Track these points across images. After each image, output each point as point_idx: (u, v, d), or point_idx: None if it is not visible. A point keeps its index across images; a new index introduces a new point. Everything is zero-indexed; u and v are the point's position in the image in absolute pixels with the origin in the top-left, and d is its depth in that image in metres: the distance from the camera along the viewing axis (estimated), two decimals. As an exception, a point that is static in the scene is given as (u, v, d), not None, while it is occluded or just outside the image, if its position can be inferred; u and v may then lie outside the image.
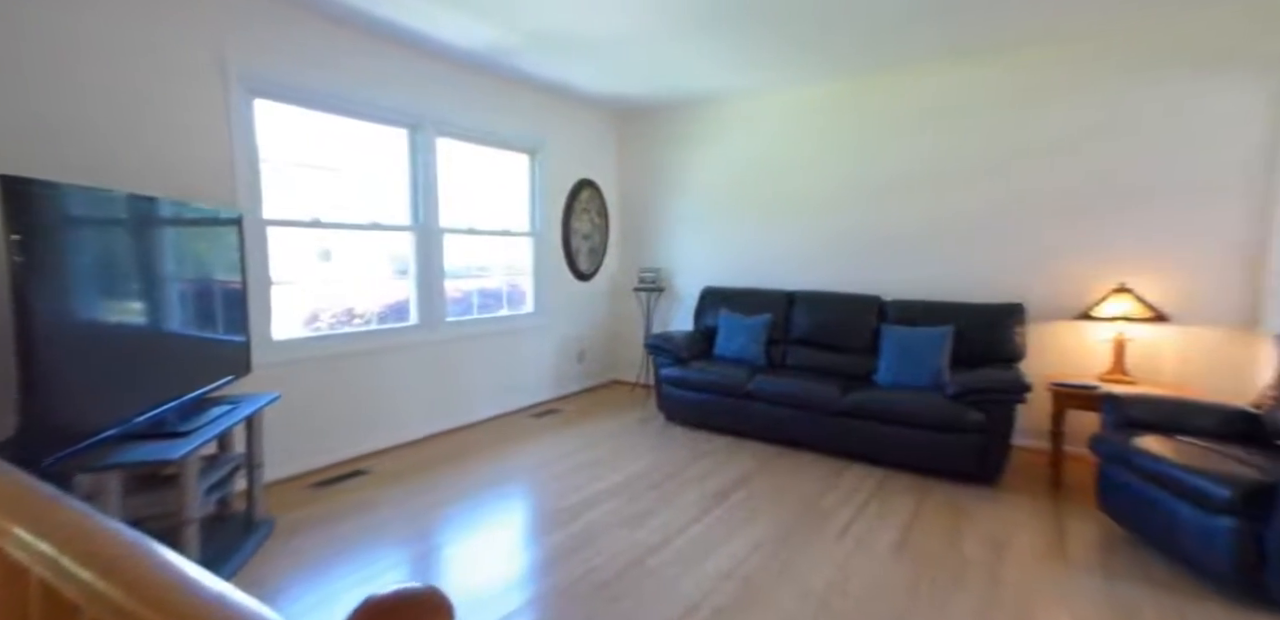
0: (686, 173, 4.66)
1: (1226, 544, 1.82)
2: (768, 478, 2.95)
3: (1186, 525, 1.94)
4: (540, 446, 3.43)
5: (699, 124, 4.54)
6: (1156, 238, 3.01)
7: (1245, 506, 1.77)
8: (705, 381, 3.63)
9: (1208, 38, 2.83)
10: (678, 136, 4.67)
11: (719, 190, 4.50)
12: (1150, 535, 2.12)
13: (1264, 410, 2.23)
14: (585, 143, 4.65)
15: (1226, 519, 1.82)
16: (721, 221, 4.51)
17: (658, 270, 4.79)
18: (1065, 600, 1.90)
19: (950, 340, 3.23)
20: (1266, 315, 2.71)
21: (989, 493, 2.76)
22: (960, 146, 3.51)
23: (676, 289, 4.80)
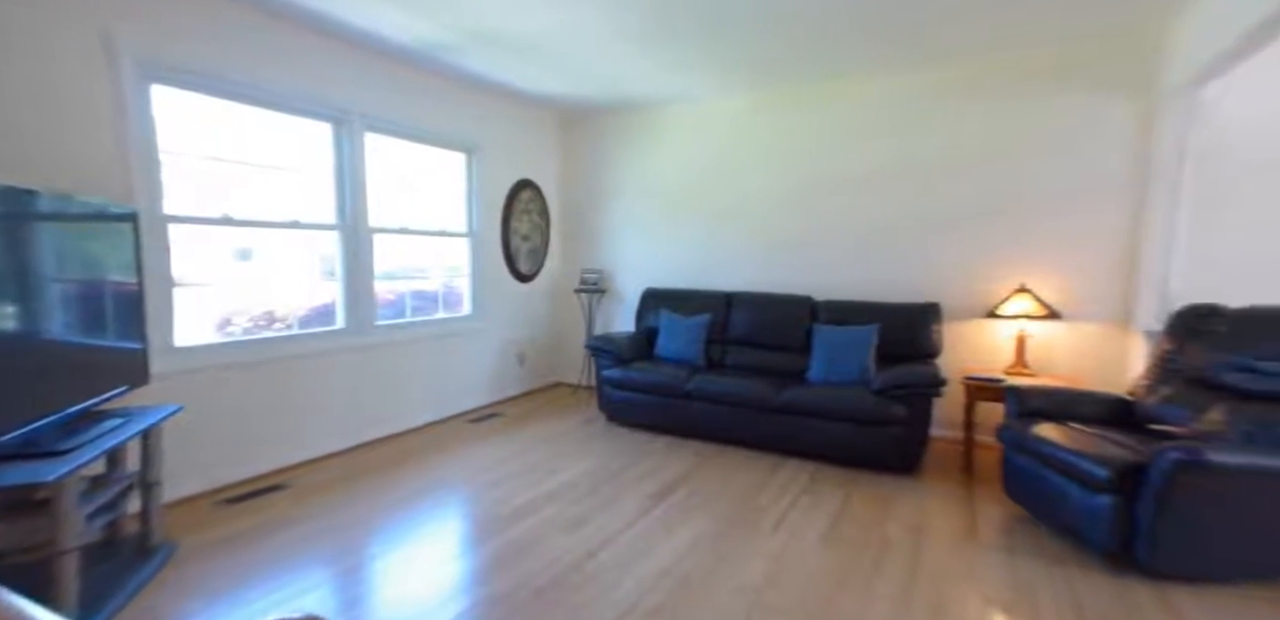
0: (629, 175, 4.67)
1: (1106, 519, 2.00)
2: (707, 476, 2.99)
3: (1074, 504, 2.12)
4: (478, 452, 3.34)
5: (641, 127, 4.57)
6: (1049, 242, 3.28)
7: (1120, 485, 1.96)
8: (646, 382, 3.65)
9: (1092, 64, 3.11)
10: (620, 139, 4.67)
11: (661, 193, 4.54)
12: (1046, 514, 2.30)
13: (1137, 398, 2.48)
14: (526, 143, 4.58)
15: (1106, 497, 2.00)
16: (663, 224, 4.56)
17: (600, 272, 4.78)
18: (974, 578, 2.03)
19: (876, 338, 3.39)
20: (1138, 314, 3.00)
21: (910, 482, 2.91)
22: (881, 156, 3.70)
23: (618, 290, 4.80)
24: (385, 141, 3.55)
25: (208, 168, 2.76)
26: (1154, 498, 1.90)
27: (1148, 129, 3.02)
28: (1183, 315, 2.47)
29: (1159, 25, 2.91)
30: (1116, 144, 3.10)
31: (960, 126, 3.47)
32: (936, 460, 3.24)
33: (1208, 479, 1.85)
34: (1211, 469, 1.82)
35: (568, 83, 3.91)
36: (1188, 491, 1.86)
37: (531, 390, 4.78)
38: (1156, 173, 2.94)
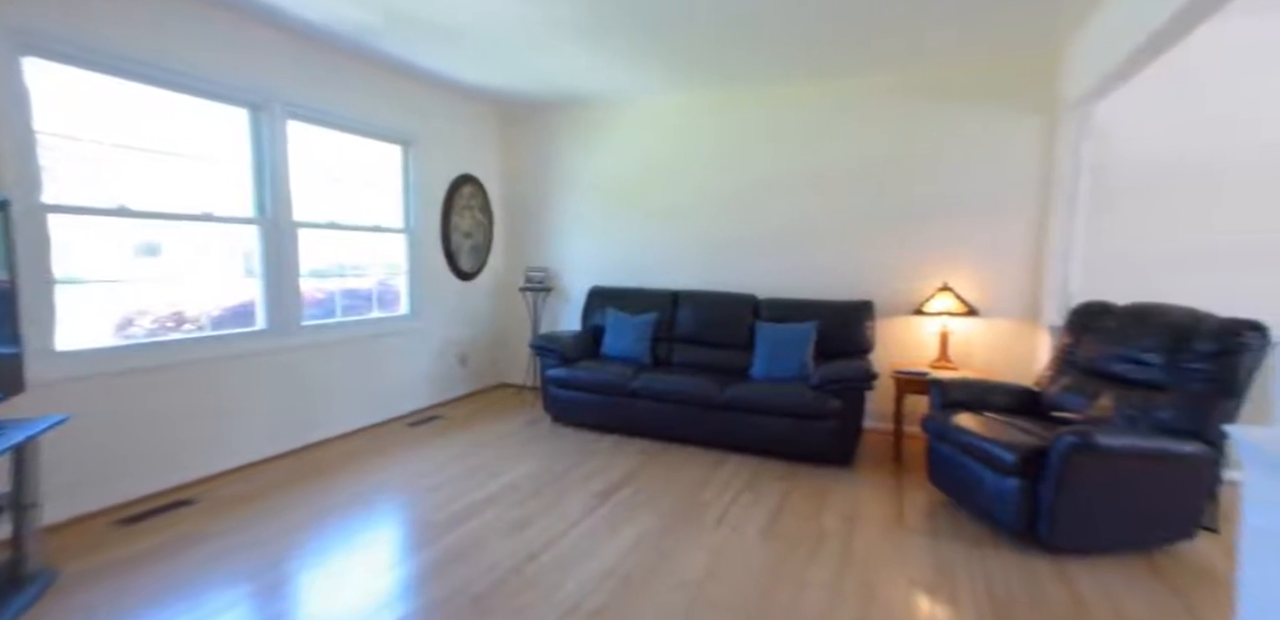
0: (574, 172, 4.64)
1: (1014, 501, 2.17)
2: (652, 474, 3.02)
3: (988, 487, 2.29)
4: (416, 456, 3.24)
5: (586, 124, 4.54)
6: (969, 244, 3.51)
7: (1026, 468, 2.13)
8: (592, 381, 3.65)
9: (1005, 79, 3.36)
10: (566, 135, 4.63)
11: (607, 191, 4.54)
12: (965, 499, 2.47)
13: (1042, 387, 2.70)
14: (466, 136, 4.46)
15: (1014, 480, 2.17)
16: (610, 222, 4.55)
17: (545, 270, 4.73)
18: (900, 562, 2.15)
19: (814, 335, 3.52)
20: (1044, 311, 3.27)
21: (846, 474, 3.05)
22: (819, 159, 3.84)
23: (565, 289, 4.76)
24: (312, 131, 3.37)
25: (102, 154, 2.52)
26: (1054, 479, 2.07)
27: (1051, 142, 3.28)
28: (1079, 312, 2.70)
29: (1057, 47, 3.16)
30: (1025, 155, 3.35)
31: (890, 134, 3.65)
32: (870, 451, 3.41)
33: (1096, 460, 2.04)
34: (1099, 451, 2.01)
35: (505, 74, 3.84)
36: (1080, 472, 2.05)
37: (474, 391, 4.68)
38: (1057, 182, 3.20)
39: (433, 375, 4.24)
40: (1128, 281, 3.03)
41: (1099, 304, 2.64)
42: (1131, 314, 2.46)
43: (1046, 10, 2.71)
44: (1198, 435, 2.06)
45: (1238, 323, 2.08)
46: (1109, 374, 2.44)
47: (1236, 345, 2.05)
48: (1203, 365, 2.11)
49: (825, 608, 1.86)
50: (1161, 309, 2.36)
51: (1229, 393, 2.05)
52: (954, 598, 1.93)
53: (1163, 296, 2.50)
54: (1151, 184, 3.04)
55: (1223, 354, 2.07)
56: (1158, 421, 2.15)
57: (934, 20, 2.83)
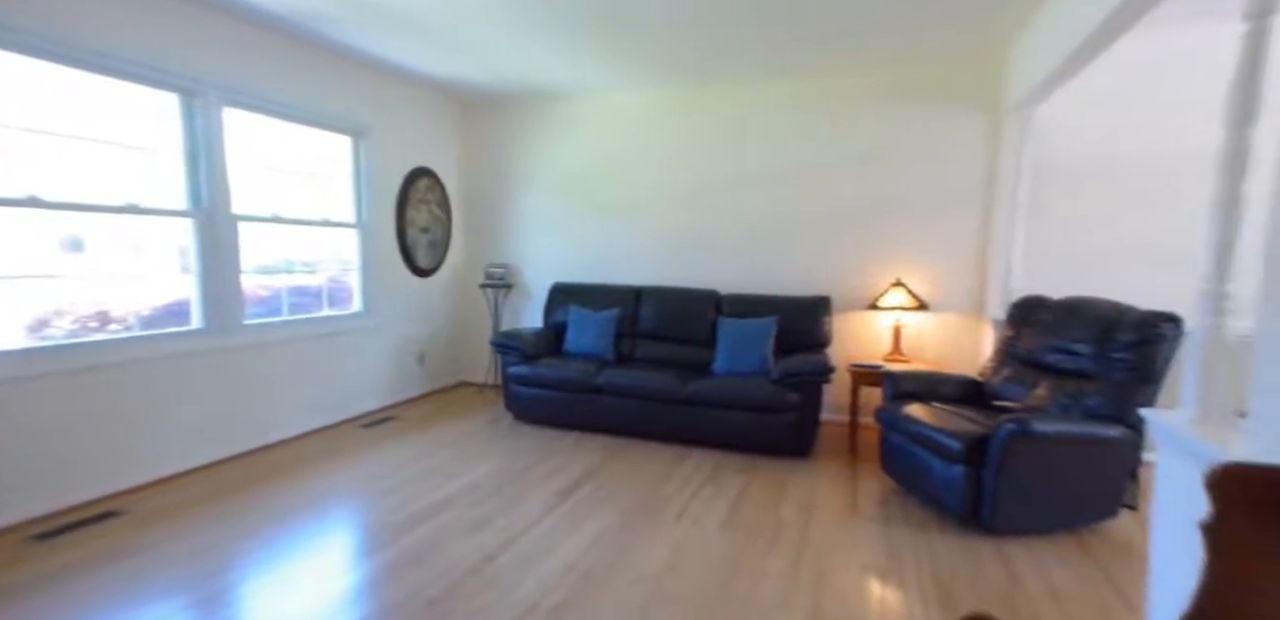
0: (535, 166, 4.58)
1: (960, 486, 2.27)
2: (614, 469, 3.03)
3: (936, 475, 2.39)
4: (371, 459, 3.15)
5: (548, 117, 4.49)
6: (920, 240, 3.65)
7: (970, 456, 2.23)
8: (554, 378, 3.62)
9: (951, 85, 3.49)
10: (526, 129, 4.57)
11: (569, 186, 4.50)
12: (914, 486, 2.58)
13: (986, 378, 2.83)
14: (422, 128, 4.34)
15: (959, 467, 2.28)
16: (572, 218, 4.52)
17: (506, 266, 4.66)
18: (853, 549, 2.23)
19: (774, 330, 3.60)
20: (988, 305, 3.43)
21: (804, 465, 3.13)
22: (779, 157, 3.92)
23: (526, 285, 4.71)
24: (254, 119, 3.21)
25: (10, 139, 2.34)
26: (995, 465, 2.18)
27: (995, 143, 3.43)
28: (1018, 306, 2.84)
29: (1000, 54, 3.31)
30: (971, 156, 3.49)
31: (845, 134, 3.75)
32: (827, 442, 3.50)
33: (1033, 446, 2.15)
34: (1035, 437, 2.13)
35: (464, 65, 3.75)
36: (1018, 457, 2.16)
37: (433, 391, 4.58)
38: (1000, 182, 3.35)
39: (388, 375, 4.14)
40: (1064, 276, 3.20)
41: (1036, 298, 2.79)
42: (1065, 308, 2.60)
43: (987, 22, 2.84)
44: (1121, 420, 2.20)
45: (1156, 315, 2.23)
46: (1045, 365, 2.58)
47: (1155, 336, 2.19)
48: (1125, 355, 2.26)
49: (781, 596, 1.91)
50: (1091, 303, 2.51)
51: (1148, 380, 2.20)
52: (902, 581, 2.01)
53: (1095, 291, 2.66)
54: (1086, 185, 3.21)
55: (1142, 344, 2.22)
56: (1087, 408, 2.29)
57: (885, 28, 2.92)
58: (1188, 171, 2.96)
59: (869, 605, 1.87)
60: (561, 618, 1.79)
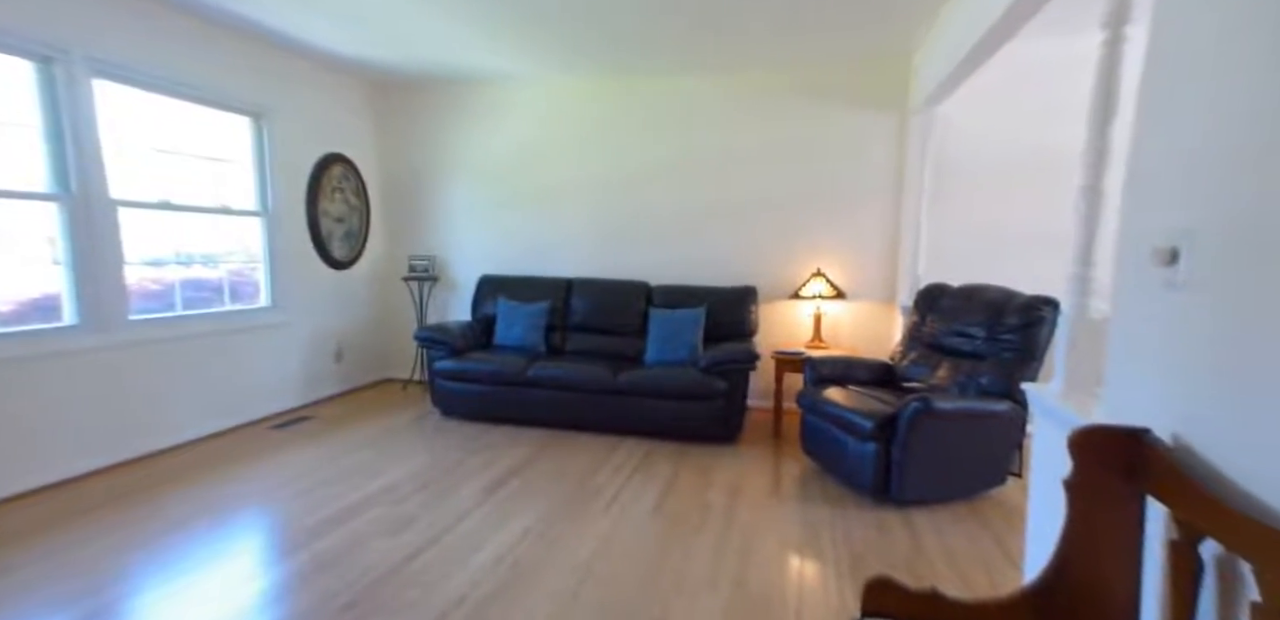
0: (460, 154, 4.42)
1: (871, 463, 2.43)
2: (545, 462, 3.00)
3: (850, 453, 2.54)
4: (282, 462, 2.96)
5: (473, 103, 4.34)
6: (836, 232, 3.84)
7: (880, 433, 2.39)
8: (483, 372, 3.54)
9: (862, 85, 3.68)
10: (448, 115, 4.40)
11: (495, 175, 4.39)
12: (831, 465, 2.73)
13: (895, 362, 3.03)
14: (334, 111, 4.08)
15: (871, 444, 2.43)
16: (499, 209, 4.41)
17: (431, 258, 4.49)
18: (775, 526, 2.33)
19: (703, 320, 3.68)
20: (898, 292, 3.67)
21: (731, 449, 3.24)
22: (705, 148, 3.99)
23: (452, 277, 4.56)
24: (132, 94, 2.90)
25: None
26: (902, 441, 2.35)
27: (902, 139, 3.66)
28: (923, 293, 3.06)
29: (905, 56, 3.52)
30: (882, 150, 3.71)
31: (768, 128, 3.87)
32: (753, 427, 3.63)
33: (934, 422, 2.33)
34: (937, 413, 2.31)
35: (376, 45, 3.55)
36: (922, 433, 2.34)
37: (353, 388, 4.35)
38: (907, 175, 3.59)
39: (302, 372, 3.89)
40: (966, 265, 3.47)
41: (939, 286, 3.01)
42: (962, 294, 2.83)
43: (890, 28, 3.03)
44: (1009, 396, 2.43)
45: (1037, 299, 2.47)
46: (946, 347, 2.79)
47: (1036, 318, 2.43)
48: (1011, 336, 2.49)
49: (708, 573, 1.98)
50: (984, 289, 2.74)
51: (1031, 358, 2.43)
52: (819, 553, 2.13)
53: (993, 278, 2.91)
54: (982, 179, 3.48)
55: (1026, 326, 2.45)
56: (980, 386, 2.50)
57: (802, 28, 3.05)
58: (1068, 168, 3.28)
59: (790, 577, 1.97)
60: (491, 608, 1.76)
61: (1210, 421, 0.78)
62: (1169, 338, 0.88)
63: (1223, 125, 0.78)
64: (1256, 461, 0.70)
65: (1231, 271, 0.76)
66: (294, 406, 3.82)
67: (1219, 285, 0.78)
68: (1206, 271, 0.80)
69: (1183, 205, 0.86)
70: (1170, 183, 0.90)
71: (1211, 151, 0.81)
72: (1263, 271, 0.71)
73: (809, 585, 1.92)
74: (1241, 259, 0.74)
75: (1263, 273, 0.71)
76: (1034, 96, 3.32)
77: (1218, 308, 0.78)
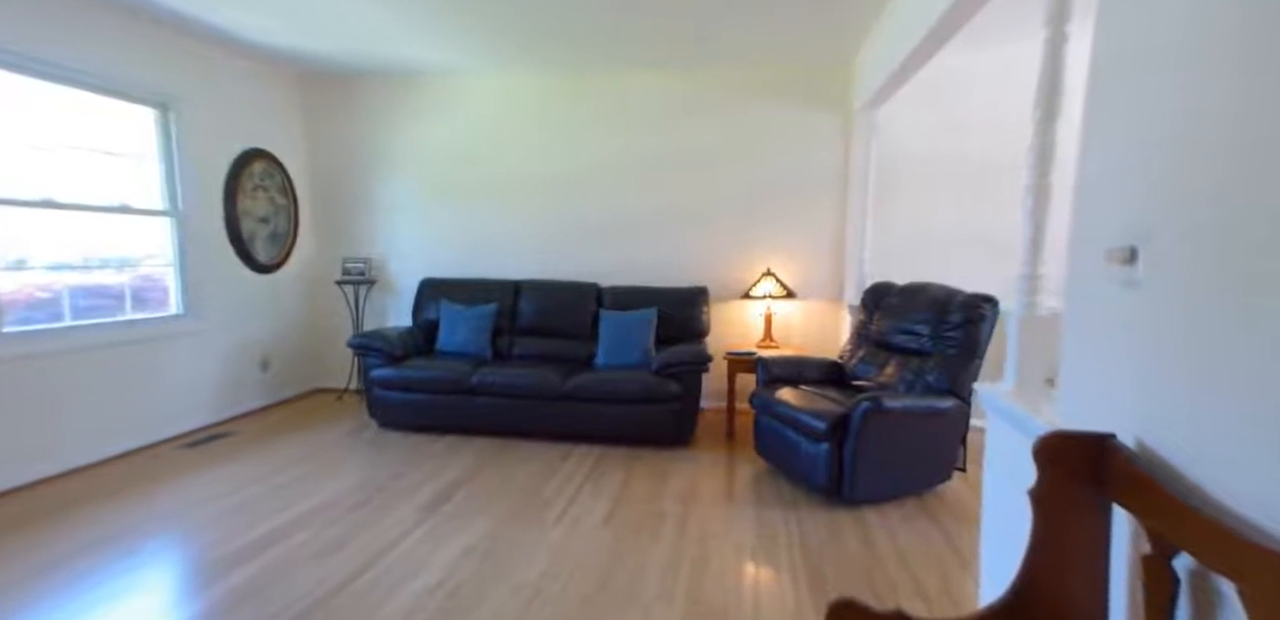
0: (398, 151, 4.18)
1: (825, 463, 2.42)
2: (490, 474, 2.85)
3: (804, 453, 2.52)
4: (197, 483, 2.68)
5: (410, 98, 4.12)
6: (785, 231, 3.85)
7: (833, 434, 2.38)
8: (424, 379, 3.34)
9: (808, 85, 3.71)
10: (386, 110, 4.15)
11: (437, 173, 4.17)
12: (784, 466, 2.71)
13: (844, 360, 3.05)
14: (254, 104, 3.77)
15: (824, 445, 2.42)
16: (441, 208, 4.20)
17: (367, 260, 4.22)
18: (730, 533, 2.28)
19: (655, 321, 3.61)
20: (846, 291, 3.72)
21: (684, 453, 3.17)
22: (652, 146, 3.92)
23: (392, 281, 4.31)
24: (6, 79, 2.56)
25: None
26: (854, 440, 2.34)
27: (847, 139, 3.70)
28: (870, 292, 3.10)
29: (848, 58, 3.57)
30: (828, 150, 3.74)
31: (718, 126, 3.84)
32: (706, 429, 3.59)
33: (884, 420, 2.34)
34: (886, 412, 2.31)
35: (302, 34, 3.30)
36: (873, 432, 2.34)
37: (282, 400, 4.04)
38: (851, 177, 3.63)
39: (222, 385, 3.56)
40: (910, 263, 3.54)
41: (884, 285, 3.05)
42: (907, 292, 2.87)
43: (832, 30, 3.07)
44: (954, 392, 2.47)
45: (977, 297, 2.52)
46: (893, 345, 2.82)
47: (977, 316, 2.48)
48: (955, 333, 2.53)
49: (662, 586, 1.89)
50: (927, 287, 2.79)
51: (974, 355, 2.48)
52: (775, 559, 2.08)
53: (935, 275, 2.96)
54: (924, 180, 3.56)
55: (967, 324, 2.50)
56: (927, 383, 2.54)
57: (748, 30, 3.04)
58: (1003, 170, 3.39)
59: (746, 587, 1.91)
60: (425, 644, 1.62)
61: (1175, 424, 0.76)
62: (1128, 337, 0.86)
63: (1178, 120, 0.76)
64: (1226, 469, 0.67)
65: (1191, 268, 0.74)
66: (211, 422, 3.49)
67: (1180, 283, 0.76)
68: (1167, 269, 0.78)
69: (1140, 203, 0.84)
70: (1125, 180, 0.88)
71: (1166, 147, 0.78)
72: (1223, 267, 0.68)
73: (766, 596, 1.87)
74: (1201, 255, 0.72)
75: (1223, 268, 0.68)
76: (964, 104, 3.42)
77: (1179, 305, 0.76)
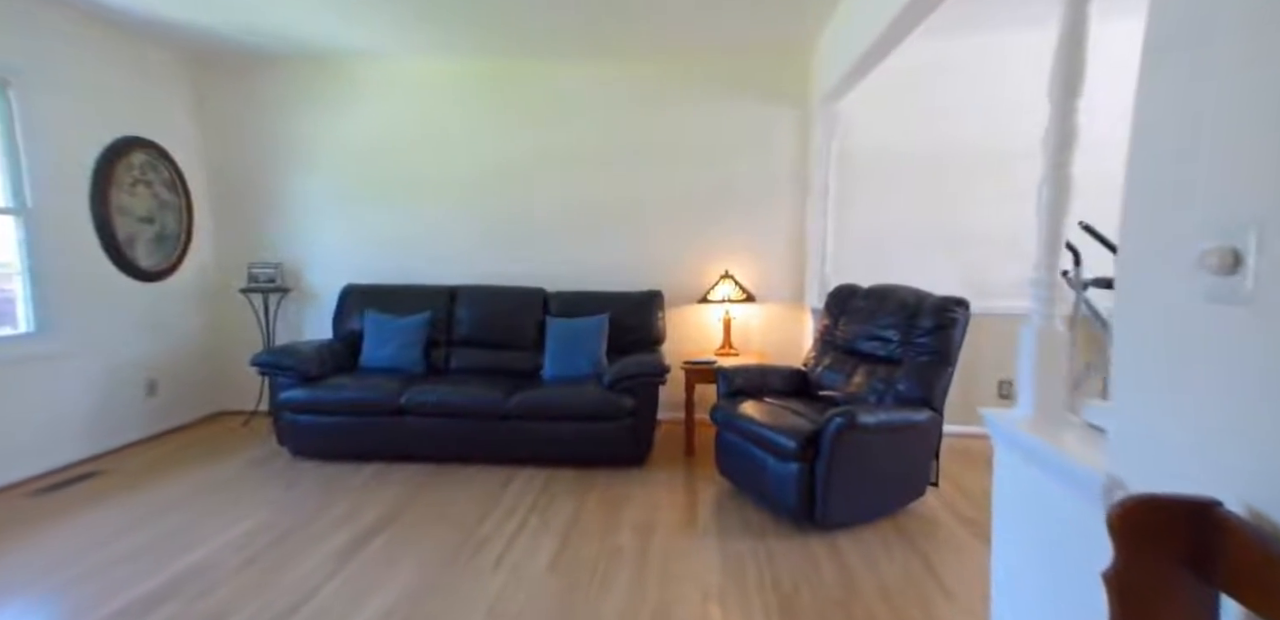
0: (315, 144, 3.73)
1: (795, 484, 2.20)
2: (421, 508, 2.49)
3: (771, 474, 2.30)
4: (50, 538, 2.19)
5: (327, 85, 3.68)
6: (743, 231, 3.64)
7: (804, 452, 2.16)
8: (344, 400, 2.93)
9: (765, 77, 3.52)
10: (299, 98, 3.69)
11: (361, 168, 3.74)
12: (750, 487, 2.48)
13: (809, 368, 2.87)
14: (132, 86, 3.24)
15: (794, 464, 2.20)
16: (366, 206, 3.77)
17: (278, 265, 3.73)
18: (694, 570, 2.02)
19: (606, 329, 3.32)
20: (807, 294, 3.55)
21: (640, 473, 2.90)
22: (601, 141, 3.64)
23: (310, 288, 3.83)
24: None
25: None
26: (826, 459, 2.13)
27: (806, 134, 3.52)
28: (834, 295, 2.92)
29: (806, 50, 3.40)
30: (786, 146, 3.56)
31: (671, 119, 3.59)
32: (664, 444, 3.32)
33: (859, 436, 2.14)
34: (861, 428, 2.12)
35: (188, 5, 2.82)
36: (847, 449, 2.14)
37: (174, 428, 3.50)
38: (811, 174, 3.47)
39: (93, 413, 3.02)
40: (871, 263, 3.40)
41: (849, 287, 2.88)
42: (873, 295, 2.71)
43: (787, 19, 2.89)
44: (927, 403, 2.31)
45: (948, 300, 2.38)
46: (860, 352, 2.65)
47: (949, 320, 2.33)
48: (926, 339, 2.37)
49: (616, 649, 1.61)
50: (894, 290, 2.63)
51: (946, 362, 2.33)
52: (745, 601, 1.84)
53: (897, 275, 2.81)
54: (884, 176, 3.41)
55: (939, 329, 2.35)
56: (899, 393, 2.37)
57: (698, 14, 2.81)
58: (969, 165, 3.29)
59: (713, 640, 1.65)
60: None
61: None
62: (1229, 368, 0.65)
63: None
64: None
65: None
66: (77, 460, 2.94)
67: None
68: None
69: (1244, 190, 0.63)
70: (1214, 160, 0.66)
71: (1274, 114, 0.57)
72: None
73: (738, 649, 1.62)
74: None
75: None
76: (929, 96, 3.31)
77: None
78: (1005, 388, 3.35)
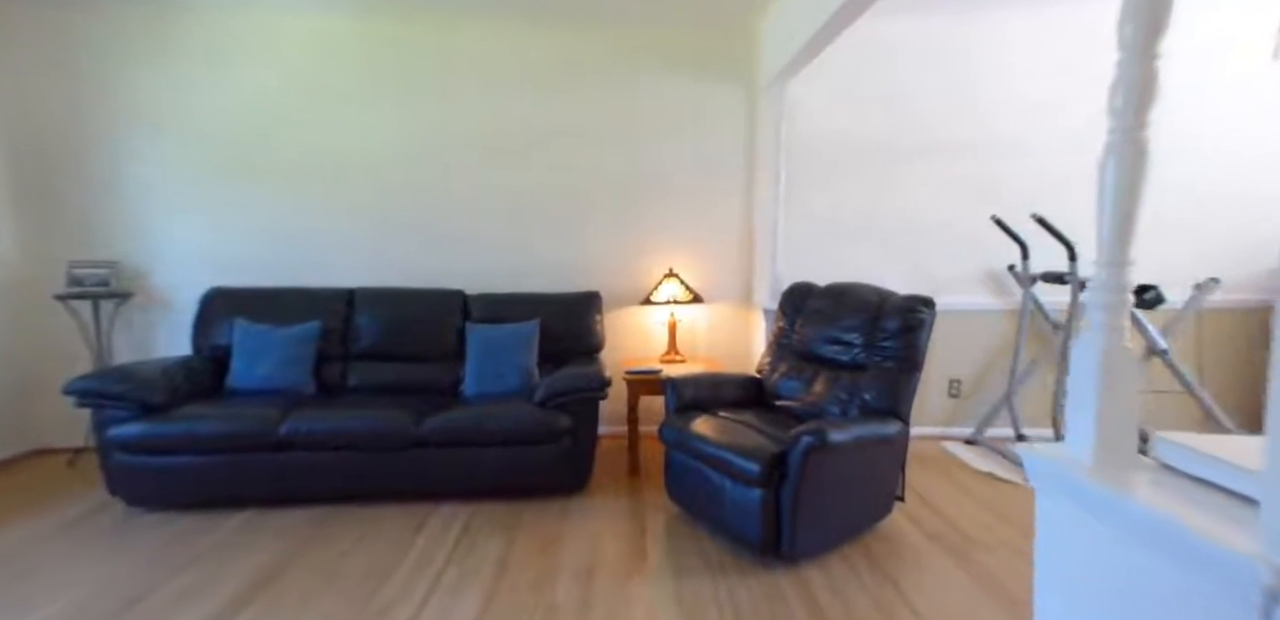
0: (164, 112, 3.03)
1: (758, 512, 1.92)
2: (304, 569, 1.98)
3: (730, 501, 2.01)
4: None
5: (186, 37, 3.00)
6: (686, 224, 3.33)
7: (768, 476, 1.89)
8: (199, 436, 2.34)
9: (709, 52, 3.21)
10: (143, 54, 2.99)
11: (229, 146, 3.09)
12: (703, 512, 2.18)
13: (764, 376, 2.61)
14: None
15: (757, 491, 1.92)
16: (235, 192, 3.12)
17: (114, 264, 3.00)
18: (646, 616, 1.69)
19: (537, 336, 2.92)
20: (757, 293, 3.31)
21: (580, 502, 2.52)
22: (522, 117, 3.20)
23: (159, 293, 3.12)
24: None
25: None
26: (794, 484, 1.87)
27: (753, 117, 3.27)
28: (789, 294, 2.68)
29: (752, 24, 3.13)
30: (732, 130, 3.27)
31: (604, 95, 3.21)
32: (605, 463, 2.96)
33: (830, 456, 1.90)
34: (832, 447, 1.87)
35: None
36: (817, 472, 1.89)
37: (-31, 477, 2.71)
38: (760, 162, 3.22)
39: None
40: (827, 260, 3.21)
41: (804, 285, 2.65)
42: (831, 294, 2.49)
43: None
44: (894, 413, 2.11)
45: (913, 299, 2.19)
46: (820, 357, 2.42)
47: (915, 321, 2.15)
48: (891, 343, 2.18)
49: None
50: (854, 289, 2.43)
51: (914, 367, 2.14)
52: (713, 665, 1.53)
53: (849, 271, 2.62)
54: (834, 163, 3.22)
55: (905, 331, 2.16)
56: (865, 403, 2.16)
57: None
58: (929, 155, 3.16)
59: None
60: None
61: None
62: None
63: None
64: None
65: None
66: None
67: None
68: None
69: None
70: None
71: None
72: None
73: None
74: None
75: None
76: (883, 79, 3.14)
77: None
78: (955, 387, 3.28)
